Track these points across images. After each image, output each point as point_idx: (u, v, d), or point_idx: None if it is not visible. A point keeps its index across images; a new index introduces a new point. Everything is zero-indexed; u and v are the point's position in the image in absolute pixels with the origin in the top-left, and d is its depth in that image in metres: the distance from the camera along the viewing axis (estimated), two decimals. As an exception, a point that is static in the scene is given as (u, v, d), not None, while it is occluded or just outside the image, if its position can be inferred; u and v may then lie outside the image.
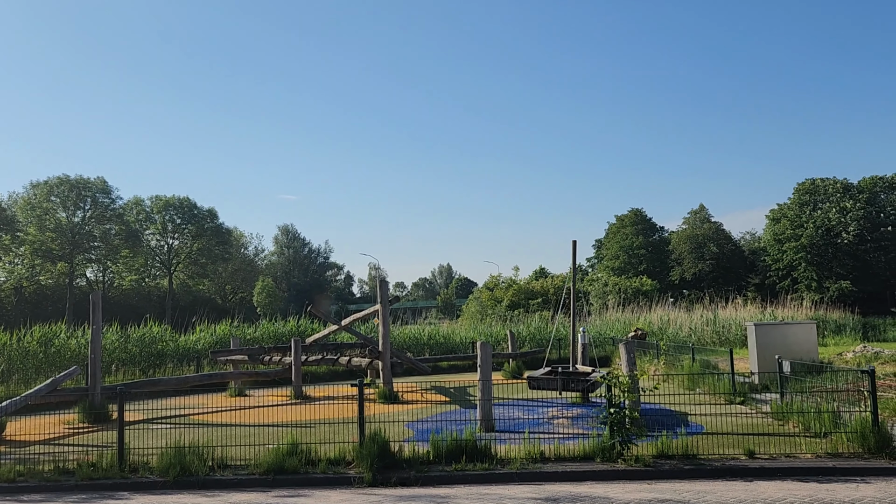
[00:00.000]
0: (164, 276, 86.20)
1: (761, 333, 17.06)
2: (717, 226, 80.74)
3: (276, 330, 28.61)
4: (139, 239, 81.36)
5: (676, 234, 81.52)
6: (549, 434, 11.66)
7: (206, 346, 25.85)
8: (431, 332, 30.53)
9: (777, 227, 73.08)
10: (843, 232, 67.87)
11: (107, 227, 77.82)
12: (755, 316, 38.75)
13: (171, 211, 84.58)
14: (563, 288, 56.35)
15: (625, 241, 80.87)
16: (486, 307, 52.74)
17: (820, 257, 68.55)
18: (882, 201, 71.02)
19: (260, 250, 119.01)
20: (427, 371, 20.37)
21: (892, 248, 66.96)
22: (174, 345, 25.70)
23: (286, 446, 10.09)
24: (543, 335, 31.74)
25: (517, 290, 54.42)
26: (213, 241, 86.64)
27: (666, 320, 38.00)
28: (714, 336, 33.99)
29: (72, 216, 75.82)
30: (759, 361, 16.94)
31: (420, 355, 27.04)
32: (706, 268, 74.81)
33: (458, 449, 9.85)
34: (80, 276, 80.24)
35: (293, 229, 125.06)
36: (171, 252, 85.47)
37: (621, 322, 37.59)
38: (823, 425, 10.49)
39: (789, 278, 70.46)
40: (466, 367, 25.99)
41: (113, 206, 78.82)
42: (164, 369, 23.79)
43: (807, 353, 16.78)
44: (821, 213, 70.18)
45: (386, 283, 18.53)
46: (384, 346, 17.62)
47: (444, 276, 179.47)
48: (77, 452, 11.04)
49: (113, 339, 24.76)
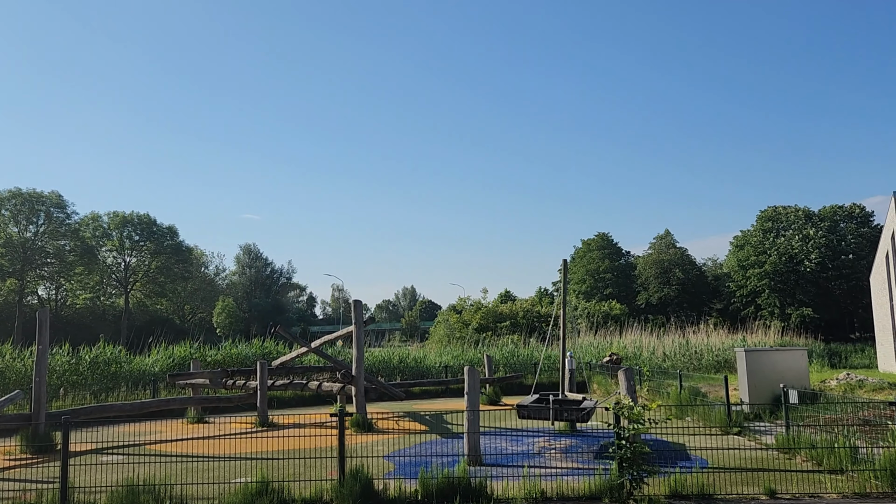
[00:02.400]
0: (119, 294, 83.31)
1: (752, 360, 16.45)
2: (682, 251, 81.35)
3: (239, 352, 27.17)
4: (95, 256, 78.56)
5: (642, 259, 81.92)
6: (542, 468, 10.73)
7: (163, 369, 24.34)
8: (402, 356, 29.39)
9: (741, 254, 73.85)
10: (805, 259, 68.81)
11: (61, 242, 74.97)
12: (725, 342, 38.49)
13: (129, 227, 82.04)
14: (553, 311, 55.69)
15: (591, 265, 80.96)
16: (454, 330, 51.72)
17: (783, 284, 69.33)
18: (842, 230, 72.32)
19: (221, 269, 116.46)
20: (401, 396, 19.29)
21: (853, 275, 68.05)
22: (129, 367, 24.12)
23: (255, 484, 8.96)
24: (516, 359, 30.86)
25: (485, 312, 53.54)
26: (173, 260, 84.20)
27: (639, 345, 37.47)
28: (687, 361, 33.51)
29: (24, 231, 72.87)
30: (749, 389, 16.31)
31: (391, 380, 25.91)
32: (672, 293, 75.15)
33: (449, 487, 8.84)
34: (30, 294, 77.00)
35: (255, 249, 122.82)
36: (129, 270, 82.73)
37: (594, 346, 36.92)
38: (840, 460, 9.76)
39: (753, 304, 71.05)
40: (439, 392, 24.97)
41: (68, 221, 76.05)
42: (117, 393, 22.23)
43: (798, 380, 16.19)
44: (784, 240, 71.14)
45: (360, 302, 17.46)
46: (358, 370, 16.52)
47: (409, 298, 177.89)
48: (14, 491, 9.74)
49: (63, 360, 23.13)
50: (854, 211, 73.74)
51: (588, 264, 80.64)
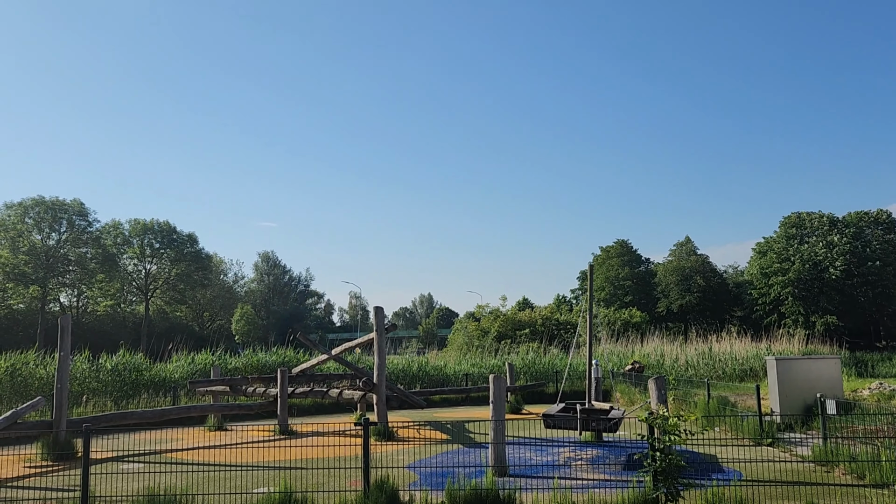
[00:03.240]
0: (140, 301, 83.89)
1: (783, 369, 15.99)
2: (703, 258, 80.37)
3: (259, 360, 27.09)
4: (116, 263, 79.18)
5: (663, 267, 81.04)
6: (571, 479, 10.42)
7: (183, 376, 24.30)
8: (422, 364, 29.16)
9: (763, 261, 72.76)
10: (830, 267, 67.64)
11: (83, 250, 75.66)
12: (750, 350, 37.88)
13: (149, 235, 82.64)
14: (576, 318, 55.14)
15: (610, 272, 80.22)
16: (473, 338, 51.41)
17: (807, 292, 68.18)
18: (867, 236, 71.06)
19: (240, 277, 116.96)
20: (422, 405, 19.02)
21: (878, 283, 66.81)
22: (149, 374, 24.11)
23: (278, 494, 8.74)
24: (537, 367, 30.53)
25: (504, 320, 53.19)
26: (192, 267, 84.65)
27: (661, 353, 36.95)
28: (711, 370, 32.96)
29: (46, 239, 73.65)
30: (780, 399, 15.86)
31: (411, 388, 25.68)
32: (693, 300, 74.20)
33: (477, 499, 8.57)
34: (53, 301, 77.73)
35: (273, 256, 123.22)
36: (149, 277, 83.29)
37: (615, 354, 36.50)
38: (883, 474, 9.36)
39: (776, 312, 69.95)
40: (459, 400, 24.72)
41: (90, 228, 76.76)
42: (137, 400, 22.19)
43: (830, 390, 15.72)
44: (808, 247, 69.99)
45: (381, 309, 17.25)
46: (379, 378, 16.30)
47: (426, 305, 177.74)
48: (34, 500, 9.62)
49: (84, 367, 23.15)
50: (880, 217, 72.47)
51: (607, 271, 79.93)
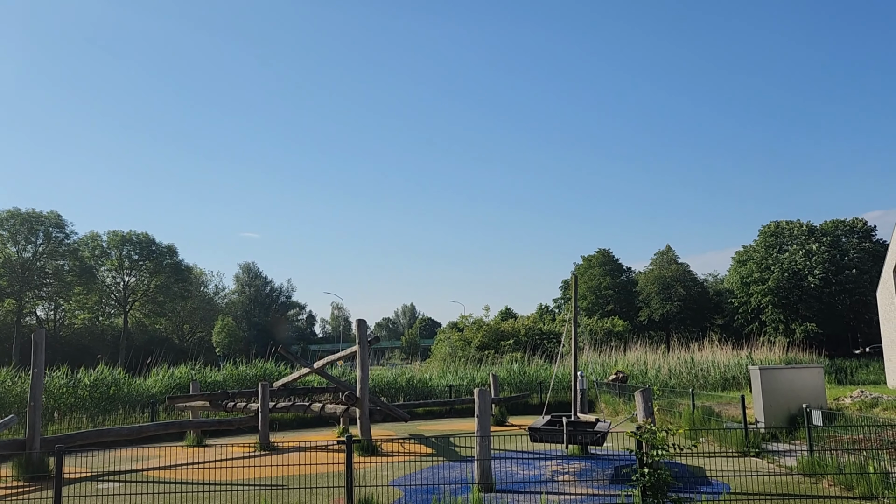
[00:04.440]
0: (118, 314, 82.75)
1: (767, 379, 16.00)
2: (683, 267, 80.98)
3: (240, 373, 26.69)
4: (94, 275, 78.07)
5: (644, 275, 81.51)
6: (559, 494, 10.28)
7: (162, 390, 23.85)
8: (407, 376, 28.90)
9: (744, 270, 73.46)
10: (809, 275, 68.43)
11: (60, 262, 74.54)
12: (731, 359, 37.98)
13: (128, 247, 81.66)
14: (559, 327, 55.15)
15: (592, 281, 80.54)
16: (456, 348, 51.21)
17: (787, 300, 68.89)
18: (844, 245, 72.02)
19: (220, 288, 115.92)
20: (406, 418, 18.80)
21: (856, 290, 67.70)
22: (127, 389, 23.62)
23: (259, 515, 8.54)
24: (522, 378, 30.38)
25: (487, 330, 53.06)
26: (172, 279, 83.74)
27: (644, 362, 36.95)
28: (693, 379, 33.01)
29: (22, 251, 72.46)
30: (765, 409, 15.86)
31: (394, 400, 25.43)
32: (674, 309, 74.66)
33: (463, 517, 8.41)
34: (29, 314, 76.43)
35: (255, 267, 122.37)
36: (128, 289, 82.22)
37: (598, 364, 36.41)
38: (871, 486, 9.32)
39: (757, 321, 70.55)
40: (443, 412, 24.48)
41: (67, 240, 75.67)
42: (114, 416, 21.70)
43: (815, 399, 15.74)
44: (787, 255, 70.75)
45: (364, 322, 17.06)
46: (362, 391, 16.08)
47: (408, 316, 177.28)
48: (5, 523, 9.30)
49: (61, 383, 22.63)
50: (856, 225, 73.53)
51: (589, 281, 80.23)
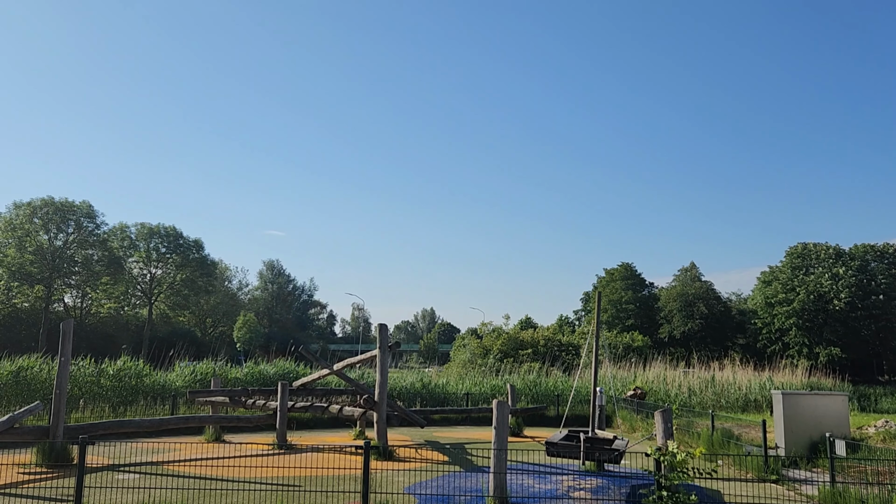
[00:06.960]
0: (143, 305, 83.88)
1: (789, 404, 15.79)
2: (707, 285, 79.99)
3: (261, 371, 26.98)
4: (121, 266, 79.24)
5: (666, 291, 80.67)
6: (572, 511, 10.26)
7: (184, 384, 24.18)
8: (426, 382, 28.97)
9: (768, 291, 72.43)
10: (834, 298, 67.28)
11: (89, 252, 75.74)
12: (753, 380, 37.51)
13: (156, 239, 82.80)
14: (584, 340, 54.83)
15: (613, 295, 79.88)
16: (476, 355, 51.15)
17: (811, 323, 67.77)
18: (873, 269, 70.75)
19: (244, 284, 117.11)
20: (422, 424, 18.86)
21: (882, 316, 66.45)
22: (149, 381, 23.99)
23: (275, 515, 8.63)
24: (539, 389, 30.28)
25: (507, 339, 52.92)
26: (197, 273, 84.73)
27: (663, 379, 36.61)
28: (714, 399, 32.65)
29: (54, 239, 73.78)
30: (786, 434, 15.65)
31: (411, 405, 25.50)
32: (695, 326, 73.77)
33: (477, 529, 8.42)
34: (57, 301, 77.77)
35: (278, 265, 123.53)
36: (153, 281, 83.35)
37: (617, 379, 36.16)
38: (892, 520, 9.19)
39: (780, 342, 69.50)
40: (459, 420, 24.50)
41: (97, 231, 76.90)
42: (136, 407, 22.06)
43: (838, 427, 15.51)
44: (813, 277, 69.66)
45: (385, 326, 17.15)
46: (381, 395, 16.17)
47: (427, 320, 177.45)
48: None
49: (86, 372, 23.06)
50: (886, 250, 72.20)
51: (611, 294, 79.60)
